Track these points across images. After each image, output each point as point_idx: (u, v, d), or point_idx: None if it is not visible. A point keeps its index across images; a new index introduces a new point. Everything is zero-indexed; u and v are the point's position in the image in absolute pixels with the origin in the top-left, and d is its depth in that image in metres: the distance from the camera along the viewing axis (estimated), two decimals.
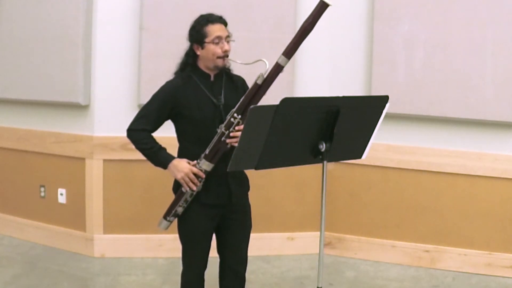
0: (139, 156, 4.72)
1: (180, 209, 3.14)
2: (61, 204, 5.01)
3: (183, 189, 3.08)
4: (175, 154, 3.17)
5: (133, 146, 4.72)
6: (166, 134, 3.29)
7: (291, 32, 4.71)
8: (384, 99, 2.84)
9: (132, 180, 4.84)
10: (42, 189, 5.08)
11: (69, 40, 4.70)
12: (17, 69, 4.94)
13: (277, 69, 3.02)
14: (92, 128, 4.79)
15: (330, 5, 2.93)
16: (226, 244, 3.28)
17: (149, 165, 4.73)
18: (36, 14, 4.81)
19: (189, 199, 3.10)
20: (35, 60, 4.85)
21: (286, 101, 2.56)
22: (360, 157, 2.98)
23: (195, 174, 3.02)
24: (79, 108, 4.81)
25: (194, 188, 3.04)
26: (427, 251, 4.78)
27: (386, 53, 4.68)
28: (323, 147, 2.71)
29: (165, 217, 3.23)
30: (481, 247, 4.66)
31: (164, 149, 3.13)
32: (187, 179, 3.02)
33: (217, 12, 4.58)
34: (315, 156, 2.76)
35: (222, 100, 3.09)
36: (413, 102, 4.64)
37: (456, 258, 4.71)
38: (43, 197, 5.08)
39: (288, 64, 3.06)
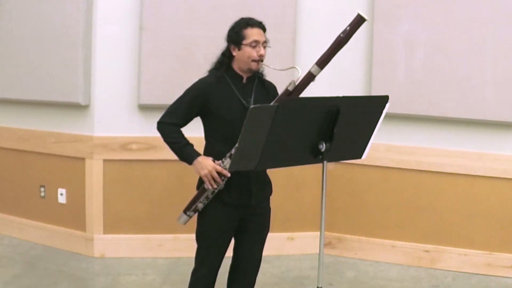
0: (139, 156, 4.76)
1: (200, 205, 3.16)
2: (61, 204, 5.01)
3: (205, 186, 3.10)
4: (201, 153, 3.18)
5: (132, 146, 4.77)
6: (194, 134, 3.28)
7: (291, 32, 4.75)
8: (384, 99, 2.85)
9: (132, 180, 4.84)
10: (42, 189, 5.07)
11: (69, 40, 4.70)
12: (17, 69, 4.94)
13: (309, 77, 3.05)
14: (92, 128, 4.79)
15: (367, 19, 2.92)
16: (241, 245, 3.30)
17: (149, 165, 4.78)
18: (36, 14, 4.80)
19: (210, 196, 3.11)
20: (35, 60, 4.84)
21: (286, 102, 2.56)
22: (360, 157, 2.98)
23: (218, 173, 3.04)
24: (79, 108, 4.80)
25: (216, 186, 3.06)
26: (427, 251, 4.78)
27: (386, 53, 4.68)
28: (323, 147, 2.72)
29: (185, 211, 3.24)
30: (481, 247, 4.66)
31: (191, 145, 3.14)
32: (210, 176, 3.04)
33: (217, 12, 4.60)
34: (315, 156, 2.76)
35: (252, 102, 3.11)
36: (413, 102, 4.64)
37: (456, 258, 4.71)
38: (43, 197, 5.08)
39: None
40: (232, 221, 3.18)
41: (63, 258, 4.80)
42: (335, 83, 4.80)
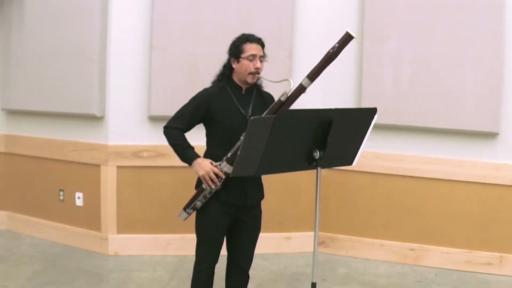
0: (149, 163, 4.77)
1: (199, 204, 3.17)
2: (78, 206, 5.00)
3: (203, 186, 3.11)
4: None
5: (143, 154, 4.77)
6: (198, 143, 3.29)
7: (287, 49, 4.75)
8: (373, 111, 2.85)
9: (143, 185, 4.84)
10: (61, 193, 5.07)
11: (85, 56, 4.71)
12: (38, 83, 4.95)
13: (300, 89, 3.06)
14: (106, 138, 4.79)
15: (355, 37, 2.94)
16: (235, 244, 3.30)
17: (158, 171, 4.78)
18: (55, 33, 4.82)
19: (208, 195, 3.13)
20: (54, 75, 4.86)
21: (283, 113, 2.57)
22: (351, 163, 2.98)
23: (215, 174, 3.05)
24: (95, 119, 4.81)
25: (213, 186, 3.07)
26: (412, 249, 4.77)
27: (375, 68, 4.68)
28: (317, 154, 2.72)
29: (185, 208, 3.26)
30: (461, 246, 4.65)
31: (192, 148, 3.16)
32: (207, 177, 3.05)
33: (220, 31, 4.61)
34: (310, 163, 2.76)
35: (250, 111, 3.13)
36: (399, 113, 4.64)
37: (438, 256, 4.70)
38: (62, 200, 5.08)
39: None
40: (227, 218, 3.18)
41: (80, 256, 4.80)
42: (328, 96, 4.81)
